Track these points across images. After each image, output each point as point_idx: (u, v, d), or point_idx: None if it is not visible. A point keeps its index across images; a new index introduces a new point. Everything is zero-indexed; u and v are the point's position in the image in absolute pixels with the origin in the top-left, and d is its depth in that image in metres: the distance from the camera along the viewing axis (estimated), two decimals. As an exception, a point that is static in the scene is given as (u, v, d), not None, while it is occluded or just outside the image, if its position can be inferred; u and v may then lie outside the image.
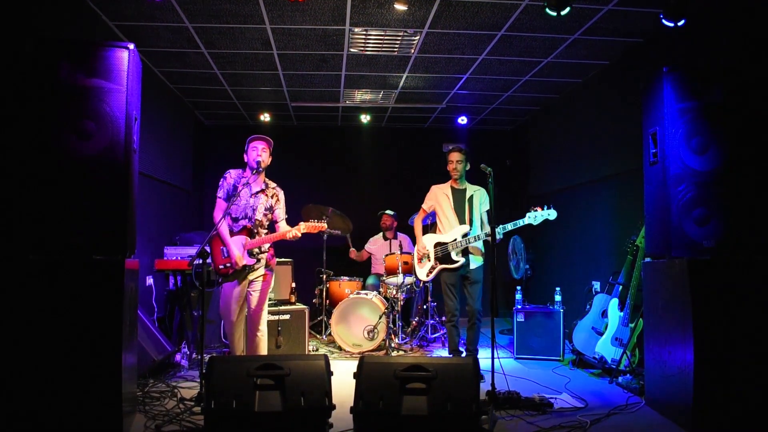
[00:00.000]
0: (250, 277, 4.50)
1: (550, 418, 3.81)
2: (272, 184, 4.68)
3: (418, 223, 5.43)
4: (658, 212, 3.95)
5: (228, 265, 4.43)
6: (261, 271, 4.55)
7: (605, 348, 4.97)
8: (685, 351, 3.63)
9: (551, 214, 4.76)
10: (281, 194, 4.70)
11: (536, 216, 4.76)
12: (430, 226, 5.66)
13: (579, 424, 3.65)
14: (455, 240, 5.04)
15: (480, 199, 5.14)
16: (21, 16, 3.72)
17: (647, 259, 4.21)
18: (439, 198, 5.24)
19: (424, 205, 5.37)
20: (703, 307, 3.59)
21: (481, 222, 5.10)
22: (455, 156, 5.13)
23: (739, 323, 3.59)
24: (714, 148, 3.78)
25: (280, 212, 4.66)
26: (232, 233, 4.48)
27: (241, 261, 4.40)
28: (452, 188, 5.22)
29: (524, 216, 4.80)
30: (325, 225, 4.49)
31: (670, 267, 3.86)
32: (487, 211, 5.09)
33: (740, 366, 3.55)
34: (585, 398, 4.25)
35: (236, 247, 4.42)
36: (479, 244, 5.07)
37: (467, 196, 5.16)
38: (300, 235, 4.45)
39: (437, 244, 5.16)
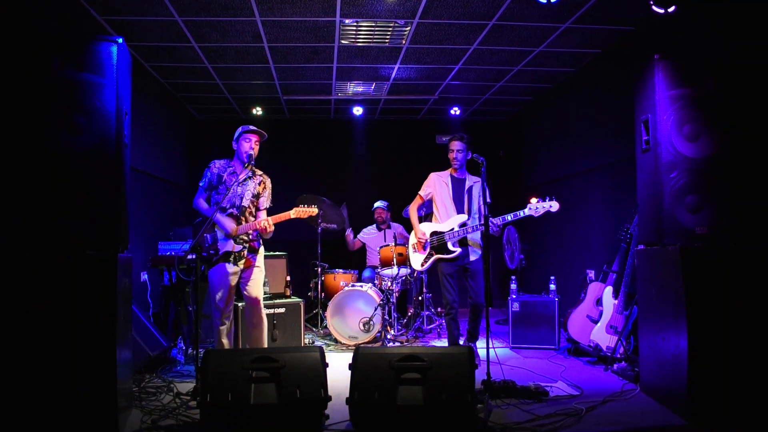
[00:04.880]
0: (240, 265, 4.50)
1: (546, 406, 3.82)
2: (259, 172, 4.66)
3: (413, 211, 5.31)
4: (651, 199, 3.96)
5: (212, 252, 4.43)
6: (251, 261, 4.54)
7: (600, 336, 4.99)
8: (679, 337, 3.64)
9: (553, 205, 4.66)
10: (269, 182, 4.70)
11: (537, 207, 4.67)
12: (425, 217, 5.62)
13: (575, 412, 3.66)
14: (452, 229, 4.96)
15: (479, 190, 5.04)
16: (9, 11, 3.68)
17: (640, 247, 4.22)
18: (437, 186, 5.14)
19: (421, 192, 5.26)
20: (696, 293, 3.61)
21: (480, 214, 5.00)
22: (456, 145, 5.01)
23: (732, 309, 3.61)
24: (706, 135, 3.79)
25: (264, 201, 4.65)
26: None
27: (233, 228, 4.42)
28: (452, 177, 5.12)
29: (525, 207, 4.71)
30: (316, 210, 4.46)
31: (663, 254, 3.87)
32: (487, 204, 5.02)
33: (734, 352, 3.57)
34: (580, 386, 4.27)
35: (228, 224, 4.44)
36: (477, 236, 5.00)
37: (466, 186, 5.07)
38: (269, 228, 4.42)
39: (433, 233, 5.08)
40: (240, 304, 4.87)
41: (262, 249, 4.69)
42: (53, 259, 3.22)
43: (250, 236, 4.55)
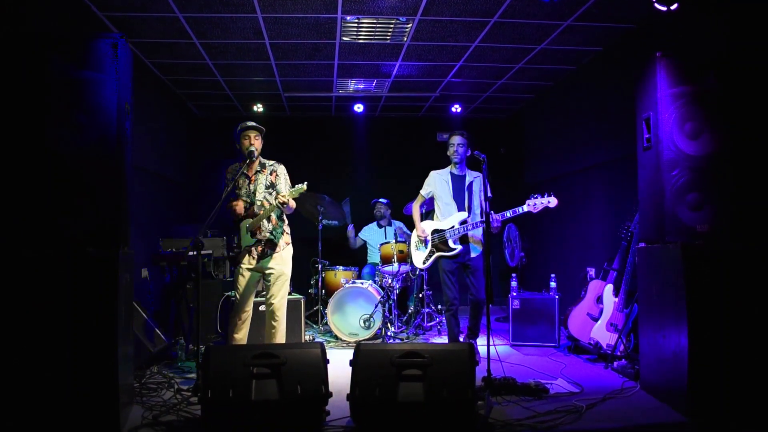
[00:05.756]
0: (263, 263, 4.54)
1: (546, 403, 3.83)
2: (269, 162, 4.67)
3: (416, 209, 5.36)
4: (652, 197, 3.96)
5: (237, 250, 4.54)
6: (275, 261, 4.56)
7: (600, 334, 5.00)
8: (680, 335, 3.65)
9: (551, 201, 4.70)
10: (280, 169, 4.67)
11: (536, 204, 4.70)
12: (426, 214, 5.64)
13: (575, 409, 3.67)
14: (453, 227, 5.00)
15: (480, 185, 5.07)
16: (9, 9, 3.68)
17: (641, 244, 4.22)
18: (438, 184, 5.16)
19: (422, 191, 5.30)
20: (696, 291, 3.61)
21: (482, 210, 5.02)
22: (456, 139, 5.05)
23: (733, 307, 3.61)
24: (707, 133, 3.78)
25: (281, 187, 4.61)
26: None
27: (242, 211, 4.49)
28: (452, 174, 5.14)
29: (523, 203, 4.75)
30: (305, 186, 4.41)
31: (664, 252, 3.87)
32: (489, 199, 5.05)
33: (734, 350, 3.58)
34: (580, 383, 4.28)
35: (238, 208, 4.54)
36: (478, 233, 5.02)
37: (467, 182, 5.10)
38: (287, 201, 4.39)
39: (434, 231, 5.12)
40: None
41: (289, 250, 4.68)
42: (54, 257, 3.22)
43: (271, 234, 4.55)
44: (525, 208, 4.74)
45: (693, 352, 3.56)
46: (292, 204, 4.50)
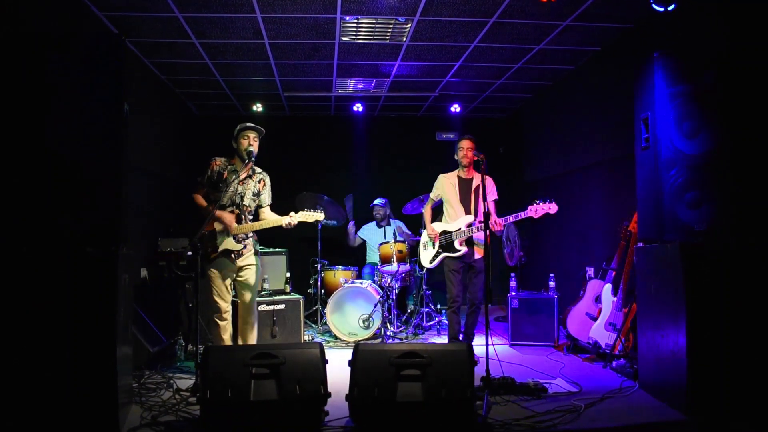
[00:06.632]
0: (239, 263, 4.53)
1: (545, 402, 3.84)
2: (258, 170, 4.72)
3: (426, 211, 5.53)
4: (651, 196, 3.96)
5: (210, 249, 4.46)
6: (250, 259, 4.58)
7: (599, 333, 5.00)
8: (678, 334, 3.65)
9: (552, 207, 4.77)
10: (268, 179, 4.75)
11: (537, 209, 4.79)
12: (434, 213, 5.69)
13: (573, 408, 3.68)
14: (459, 229, 5.11)
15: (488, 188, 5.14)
16: (9, 9, 3.68)
17: (640, 244, 4.23)
18: (445, 188, 5.30)
19: (431, 194, 5.47)
20: (695, 289, 3.61)
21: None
22: (466, 143, 5.18)
23: (732, 306, 3.61)
24: (705, 132, 3.78)
25: (265, 197, 4.68)
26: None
27: (233, 224, 4.44)
28: (459, 178, 5.27)
29: (525, 208, 4.84)
30: (322, 215, 4.50)
31: (663, 251, 3.88)
32: (495, 201, 5.16)
33: (732, 348, 3.58)
34: (579, 383, 4.28)
35: (228, 219, 4.46)
36: (482, 236, 5.06)
37: (474, 186, 5.20)
38: (295, 223, 4.46)
39: (442, 233, 5.25)
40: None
41: (258, 247, 4.74)
42: (53, 257, 3.23)
43: (249, 234, 4.57)
44: (527, 213, 4.83)
45: (692, 351, 3.56)
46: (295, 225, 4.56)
